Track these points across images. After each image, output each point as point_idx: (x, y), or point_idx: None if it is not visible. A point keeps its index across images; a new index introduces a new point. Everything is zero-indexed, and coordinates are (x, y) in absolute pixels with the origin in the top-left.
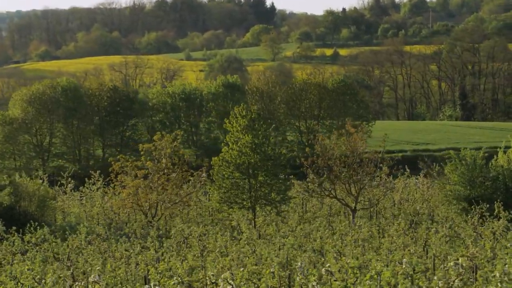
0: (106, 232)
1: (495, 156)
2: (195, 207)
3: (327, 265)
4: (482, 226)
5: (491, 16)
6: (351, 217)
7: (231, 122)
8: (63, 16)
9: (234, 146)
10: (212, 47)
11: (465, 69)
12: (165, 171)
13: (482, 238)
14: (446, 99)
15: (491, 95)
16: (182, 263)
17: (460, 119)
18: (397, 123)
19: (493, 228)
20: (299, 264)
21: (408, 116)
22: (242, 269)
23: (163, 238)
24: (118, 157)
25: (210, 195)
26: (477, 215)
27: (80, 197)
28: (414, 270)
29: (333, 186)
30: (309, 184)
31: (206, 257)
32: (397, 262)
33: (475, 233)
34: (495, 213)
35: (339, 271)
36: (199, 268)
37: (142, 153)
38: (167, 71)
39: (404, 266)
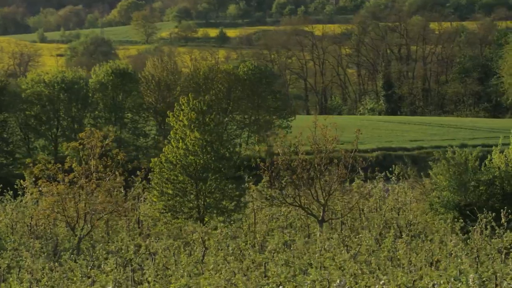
0: (42, 248)
1: (488, 156)
2: (125, 217)
3: (380, 282)
4: (494, 238)
5: None
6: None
7: (176, 116)
8: None
9: (180, 144)
10: (71, 26)
11: (389, 53)
12: (95, 174)
13: (500, 252)
14: (366, 90)
15: (422, 84)
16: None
17: (384, 113)
18: (311, 118)
19: None
20: (337, 281)
21: (320, 110)
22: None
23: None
24: (38, 158)
25: (143, 203)
26: (481, 225)
27: None
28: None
29: (297, 192)
30: (269, 190)
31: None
32: (452, 279)
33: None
34: (502, 222)
35: None
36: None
37: (67, 153)
38: (20, 56)
39: (471, 284)
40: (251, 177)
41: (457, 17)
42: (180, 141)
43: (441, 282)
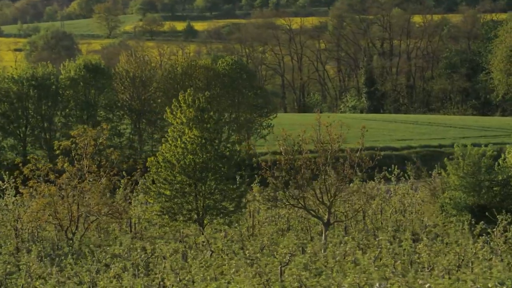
0: (41, 252)
1: (502, 155)
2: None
3: (426, 285)
4: None
5: None
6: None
7: (174, 113)
8: None
9: (178, 142)
10: (28, 19)
11: (371, 47)
12: (87, 175)
13: None
14: (347, 86)
15: (406, 81)
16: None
17: (366, 111)
18: (289, 116)
19: None
20: (376, 285)
21: (299, 108)
22: None
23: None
24: (28, 157)
25: (133, 205)
26: (501, 227)
27: None
28: None
29: (302, 194)
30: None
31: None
32: (496, 282)
33: None
34: None
35: None
36: None
37: (57, 152)
38: None
39: None
40: (244, 177)
41: (443, 9)
42: (178, 139)
43: (489, 285)
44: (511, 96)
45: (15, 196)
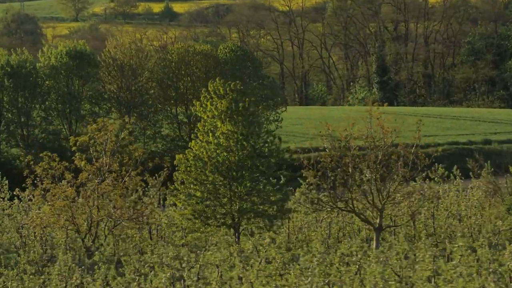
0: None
1: None
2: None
3: None
4: None
5: None
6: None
7: (204, 105)
8: None
9: (211, 138)
10: None
11: (384, 31)
12: (107, 175)
13: None
14: (356, 76)
15: (423, 69)
16: None
17: (378, 104)
18: (294, 109)
19: None
20: None
21: (300, 99)
22: None
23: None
24: (42, 154)
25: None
26: None
27: None
28: None
29: (351, 195)
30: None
31: None
32: None
33: None
34: None
35: None
36: None
37: (74, 149)
38: None
39: None
40: (287, 178)
41: None
42: (210, 134)
43: None
44: None
45: (10, 199)
